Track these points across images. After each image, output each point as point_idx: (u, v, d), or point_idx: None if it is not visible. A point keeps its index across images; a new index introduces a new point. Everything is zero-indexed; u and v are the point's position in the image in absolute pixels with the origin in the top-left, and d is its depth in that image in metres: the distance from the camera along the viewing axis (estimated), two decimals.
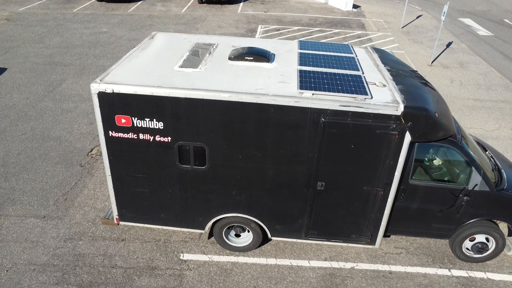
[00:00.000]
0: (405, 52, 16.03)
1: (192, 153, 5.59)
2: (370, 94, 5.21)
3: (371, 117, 5.09)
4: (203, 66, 5.80)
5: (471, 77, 14.05)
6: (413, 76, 6.13)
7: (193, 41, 6.90)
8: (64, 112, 10.69)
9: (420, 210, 6.10)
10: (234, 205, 6.03)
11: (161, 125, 5.41)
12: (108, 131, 5.54)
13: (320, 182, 5.68)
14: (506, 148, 9.88)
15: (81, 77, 12.79)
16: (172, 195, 6.01)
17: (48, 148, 9.18)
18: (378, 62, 6.41)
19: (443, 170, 5.92)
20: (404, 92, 5.42)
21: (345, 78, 5.53)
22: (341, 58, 6.25)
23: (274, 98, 5.04)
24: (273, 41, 7.15)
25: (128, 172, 5.87)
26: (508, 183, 6.21)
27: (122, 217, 6.38)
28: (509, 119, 11.27)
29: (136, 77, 5.41)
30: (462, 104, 12.05)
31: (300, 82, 5.32)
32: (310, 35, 17.54)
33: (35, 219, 7.19)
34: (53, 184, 8.05)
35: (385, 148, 5.33)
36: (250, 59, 5.96)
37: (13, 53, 14.58)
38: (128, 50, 15.19)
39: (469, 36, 18.68)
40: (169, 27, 18.12)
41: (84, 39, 16.29)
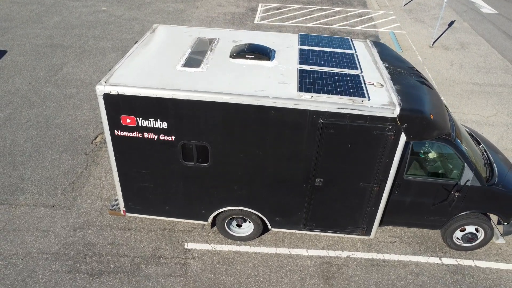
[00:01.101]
0: (406, 33, 15.92)
1: (195, 151, 5.81)
2: (368, 96, 5.36)
3: (368, 119, 5.27)
4: (205, 65, 5.91)
5: (471, 59, 14.05)
6: (411, 74, 6.25)
7: (194, 35, 6.96)
8: (67, 98, 10.82)
9: (413, 203, 6.38)
10: (236, 198, 6.30)
11: (165, 125, 5.59)
12: (114, 130, 5.73)
13: (318, 179, 5.93)
14: (502, 135, 10.08)
15: (81, 60, 12.81)
16: (176, 190, 6.27)
17: (53, 135, 9.38)
18: (377, 58, 6.51)
19: (437, 166, 6.15)
20: (400, 92, 5.57)
21: (344, 78, 5.66)
22: (341, 55, 6.34)
23: (274, 101, 5.20)
24: (274, 34, 7.20)
25: (133, 168, 6.10)
26: (499, 177, 6.46)
27: (129, 209, 6.67)
28: (506, 104, 11.40)
29: (140, 78, 5.54)
30: (461, 88, 12.13)
31: (300, 83, 5.46)
32: (311, 14, 17.34)
33: (45, 208, 7.49)
34: (60, 173, 8.31)
35: (381, 147, 5.53)
36: (251, 57, 6.06)
37: (12, 34, 14.50)
38: (128, 30, 15.10)
39: (472, 14, 18.45)
40: (169, 5, 17.89)
41: (83, 18, 16.14)
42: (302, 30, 15.63)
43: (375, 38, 15.22)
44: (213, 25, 15.84)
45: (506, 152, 9.47)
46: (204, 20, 16.26)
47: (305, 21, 16.47)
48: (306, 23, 16.33)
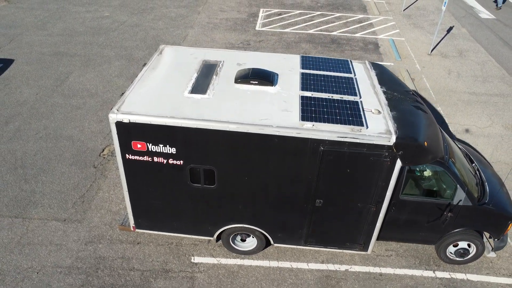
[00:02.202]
0: (405, 40, 16.18)
1: (202, 175, 6.14)
2: (366, 124, 5.67)
3: (365, 147, 5.59)
4: (211, 92, 6.22)
5: (469, 67, 14.33)
6: (407, 99, 6.56)
7: (199, 58, 7.25)
8: (74, 109, 11.12)
9: (409, 221, 6.72)
10: (240, 217, 6.64)
11: (174, 150, 5.91)
12: (125, 154, 6.05)
13: (318, 200, 6.27)
14: (496, 146, 10.41)
15: (87, 69, 13.09)
16: (183, 208, 6.61)
17: (62, 148, 9.70)
18: (375, 82, 6.81)
19: (431, 184, 6.47)
20: (397, 119, 5.89)
21: (343, 106, 5.97)
22: (341, 80, 6.65)
23: (277, 130, 5.52)
24: (276, 56, 7.50)
25: (143, 189, 6.44)
26: (490, 196, 6.80)
27: (138, 225, 7.02)
28: (501, 115, 11.71)
29: (150, 105, 5.85)
30: (458, 98, 12.44)
31: (302, 112, 5.78)
32: (312, 20, 17.58)
33: (57, 222, 7.84)
34: (70, 186, 8.64)
35: (378, 171, 5.86)
36: (254, 82, 6.37)
37: (18, 41, 14.76)
38: (131, 38, 15.35)
39: (471, 19, 18.69)
40: (171, 10, 18.11)
41: (86, 24, 16.38)
42: (303, 37, 15.88)
43: (375, 46, 15.48)
44: (215, 31, 16.09)
45: (500, 164, 9.80)
46: (206, 27, 16.51)
47: (306, 28, 16.72)
48: (307, 29, 16.58)
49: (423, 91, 12.68)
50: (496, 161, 9.91)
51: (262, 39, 15.52)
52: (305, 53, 14.54)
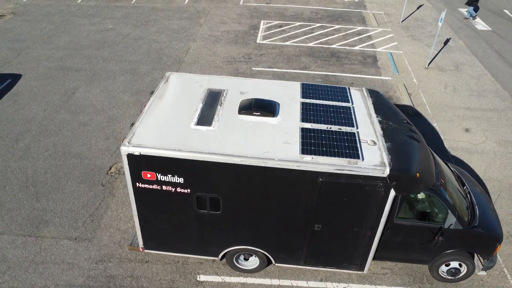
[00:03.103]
0: (403, 53, 16.55)
1: (208, 202, 6.52)
2: (362, 157, 6.05)
3: (361, 178, 5.98)
4: (216, 123, 6.59)
5: (464, 81, 14.70)
6: (402, 128, 6.93)
7: (204, 86, 7.63)
8: (81, 126, 11.49)
9: (403, 243, 7.11)
10: (244, 239, 7.03)
11: (182, 180, 6.30)
12: (136, 183, 6.43)
13: (317, 224, 6.66)
14: (489, 163, 10.79)
15: (92, 85, 13.46)
16: (190, 232, 7.00)
17: (71, 166, 10.08)
18: (371, 111, 7.19)
19: (424, 206, 6.86)
20: (391, 150, 6.27)
21: (341, 138, 6.35)
22: (339, 110, 7.03)
23: (279, 163, 5.90)
24: (278, 84, 7.86)
25: (152, 214, 6.82)
26: (480, 219, 7.18)
27: (147, 246, 7.41)
28: (495, 131, 12.09)
29: (158, 138, 6.22)
30: (453, 114, 12.81)
31: (302, 145, 6.16)
32: (312, 32, 17.93)
33: (68, 240, 8.22)
34: (79, 205, 9.03)
35: (373, 200, 6.25)
36: (257, 114, 6.75)
37: (25, 55, 15.13)
38: (135, 51, 15.71)
39: (467, 31, 19.06)
40: (173, 22, 18.46)
41: (91, 38, 16.74)
42: (303, 50, 16.24)
43: (373, 59, 15.84)
44: (217, 44, 16.45)
45: (492, 181, 10.19)
46: (208, 39, 16.87)
47: (306, 41, 17.08)
48: (307, 42, 16.94)
49: (419, 107, 13.06)
50: (489, 179, 10.29)
51: (263, 53, 15.89)
52: (305, 67, 14.91)
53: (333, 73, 14.67)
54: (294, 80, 14.07)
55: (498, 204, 9.52)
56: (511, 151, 11.26)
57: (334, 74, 14.58)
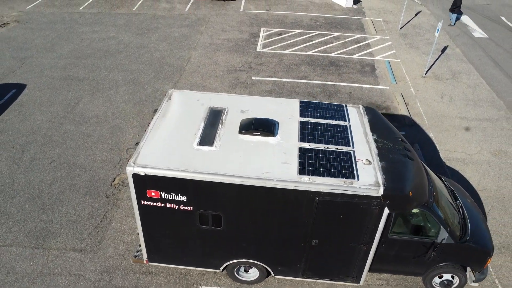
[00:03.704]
0: (401, 61, 16.81)
1: (210, 218, 6.81)
2: (357, 176, 6.33)
3: (356, 197, 6.26)
4: (217, 143, 6.87)
5: (461, 90, 14.97)
6: (396, 146, 7.20)
7: (206, 104, 7.90)
8: (85, 137, 11.77)
9: (397, 256, 7.39)
10: (244, 253, 7.31)
11: (185, 198, 6.58)
12: (141, 201, 6.71)
13: (314, 240, 6.94)
14: (483, 174, 11.06)
15: (95, 95, 13.73)
16: (193, 246, 7.28)
17: (76, 177, 10.36)
18: (367, 129, 7.46)
19: (417, 226, 7.13)
20: (385, 170, 6.54)
21: (338, 158, 6.63)
22: (336, 129, 7.30)
23: (278, 183, 6.18)
24: (277, 101, 8.12)
25: (156, 229, 7.10)
26: (471, 234, 7.46)
27: (151, 259, 7.69)
28: (490, 141, 12.36)
29: (162, 158, 6.50)
30: (449, 123, 13.08)
31: (300, 165, 6.44)
32: (311, 40, 18.19)
33: (74, 252, 8.50)
34: (85, 216, 9.31)
35: (368, 217, 6.53)
36: (257, 134, 7.02)
37: (29, 65, 15.40)
38: (137, 60, 15.97)
39: (465, 38, 19.32)
40: (174, 30, 18.72)
41: (93, 46, 17.01)
42: (302, 59, 16.51)
43: (371, 68, 16.11)
44: (217, 53, 16.71)
45: (486, 192, 10.46)
46: (208, 48, 17.13)
47: (305, 49, 17.35)
48: (306, 51, 17.21)
49: (416, 116, 13.33)
50: (482, 189, 10.56)
51: (263, 61, 16.16)
52: (305, 77, 15.17)
53: (332, 82, 14.94)
54: (294, 89, 14.34)
55: (491, 215, 9.80)
56: (505, 162, 11.54)
57: (333, 84, 14.84)
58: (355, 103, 13.74)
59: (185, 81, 14.60)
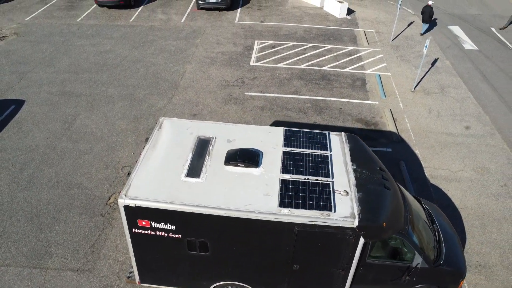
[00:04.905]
0: (391, 75, 17.20)
1: (197, 245, 7.23)
2: (334, 208, 6.75)
3: (333, 228, 6.68)
4: (204, 175, 7.29)
5: (448, 105, 15.37)
6: (374, 176, 7.60)
7: (194, 133, 8.31)
8: (82, 155, 12.19)
9: (375, 279, 7.82)
10: (230, 276, 7.75)
11: (173, 227, 7.00)
12: (132, 229, 7.14)
13: (295, 265, 7.37)
14: (465, 191, 11.48)
15: (92, 111, 14.14)
16: (182, 269, 7.72)
17: (72, 196, 10.78)
18: (347, 159, 7.87)
19: (394, 250, 7.56)
20: (362, 201, 6.96)
21: (317, 189, 7.05)
22: (318, 160, 7.71)
23: (259, 215, 6.61)
24: (262, 130, 8.53)
25: (147, 254, 7.53)
26: (446, 257, 7.89)
27: (143, 280, 8.13)
28: (473, 158, 12.77)
29: (152, 190, 6.92)
30: (435, 140, 13.49)
31: (280, 197, 6.86)
32: (304, 53, 18.58)
33: (71, 272, 8.94)
34: (81, 236, 9.74)
35: (344, 245, 6.95)
36: (241, 165, 7.44)
37: (27, 80, 15.81)
38: (133, 75, 16.37)
39: (455, 50, 19.70)
40: (170, 43, 19.10)
41: (91, 60, 17.40)
42: (294, 73, 16.90)
43: (362, 82, 16.50)
44: (211, 67, 17.10)
45: (467, 210, 10.89)
46: (203, 62, 17.52)
47: (298, 62, 17.74)
48: (299, 64, 17.60)
49: (404, 133, 13.74)
50: (464, 207, 10.99)
51: (256, 76, 16.56)
52: (296, 92, 15.57)
53: (323, 97, 15.34)
54: (285, 105, 14.73)
55: (470, 234, 10.23)
56: (486, 179, 11.95)
57: (324, 99, 15.25)
58: (345, 119, 14.15)
59: (180, 97, 15.01)
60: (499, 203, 11.13)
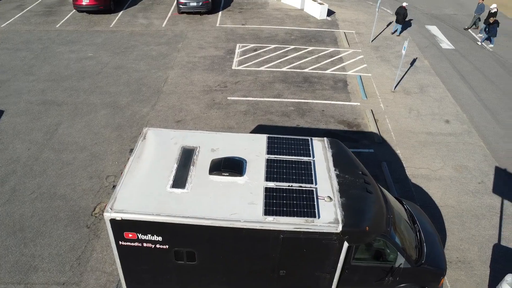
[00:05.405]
0: (372, 75, 17.50)
1: (185, 255, 7.30)
2: (318, 214, 6.90)
3: (317, 234, 6.84)
4: (189, 185, 7.35)
5: (428, 104, 15.74)
6: (357, 180, 7.78)
7: (179, 143, 8.35)
8: (65, 165, 12.07)
9: (360, 280, 8.01)
10: (218, 283, 7.83)
11: (160, 238, 7.05)
12: (119, 241, 7.15)
13: (281, 270, 7.51)
14: (445, 190, 11.81)
15: (74, 120, 13.99)
16: (169, 279, 7.76)
17: (57, 208, 10.68)
18: (330, 164, 8.03)
19: (378, 252, 7.76)
20: (345, 207, 7.13)
21: (301, 196, 7.19)
22: (301, 166, 7.85)
23: (244, 224, 6.71)
24: (246, 138, 8.62)
25: (135, 265, 7.55)
26: (427, 256, 8.14)
27: None
28: (452, 156, 13.13)
29: (138, 202, 6.95)
30: (416, 139, 13.81)
31: (265, 205, 6.98)
32: (286, 55, 18.74)
33: (57, 286, 8.87)
34: (66, 248, 9.67)
35: (329, 250, 7.12)
36: (226, 174, 7.52)
37: (6, 89, 15.53)
38: (115, 82, 16.24)
39: (433, 50, 20.16)
40: (152, 48, 19.01)
41: (71, 67, 17.19)
42: (277, 76, 17.04)
43: (344, 84, 16.74)
44: (194, 72, 17.11)
45: (447, 208, 11.21)
46: (185, 67, 17.51)
47: (280, 65, 17.89)
48: (280, 67, 17.75)
49: (385, 133, 14.02)
50: (444, 205, 11.31)
51: (238, 80, 16.64)
52: (279, 95, 15.72)
53: (305, 100, 15.52)
54: (268, 109, 14.85)
55: (450, 231, 10.54)
56: (465, 176, 12.32)
57: (306, 101, 15.43)
58: (328, 122, 14.36)
59: (163, 104, 14.98)
60: (477, 199, 11.50)
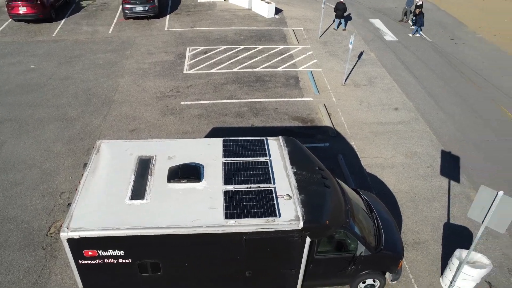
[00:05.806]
0: (323, 70, 17.98)
1: (149, 266, 7.18)
2: (278, 213, 7.04)
3: (280, 232, 6.98)
4: (148, 195, 7.24)
5: (377, 95, 16.41)
6: (314, 176, 8.00)
7: (134, 154, 8.19)
8: (13, 186, 11.45)
9: (325, 272, 8.26)
10: None
11: (122, 252, 6.89)
12: (78, 261, 6.92)
13: (248, 271, 7.59)
14: (398, 177, 12.40)
15: (20, 137, 13.29)
16: None
17: (7, 232, 10.11)
18: (287, 163, 8.20)
19: (339, 243, 8.02)
20: (304, 203, 7.31)
21: (260, 197, 7.29)
22: (258, 167, 7.95)
23: (206, 229, 6.72)
24: (201, 143, 8.61)
25: (97, 283, 7.33)
26: (385, 243, 8.53)
27: None
28: (402, 143, 13.80)
29: (96, 218, 6.75)
30: (368, 130, 14.37)
31: (225, 209, 7.02)
32: (236, 56, 18.81)
33: None
34: (20, 275, 9.18)
35: (292, 246, 7.29)
36: (184, 181, 7.48)
37: None
38: (62, 94, 15.57)
39: (378, 42, 21.02)
40: (99, 56, 18.41)
41: (12, 81, 16.29)
42: (229, 77, 17.07)
43: (295, 80, 17.08)
44: (145, 79, 16.76)
45: (401, 193, 11.78)
46: (135, 74, 17.11)
47: (231, 66, 17.93)
48: (232, 68, 17.79)
49: (339, 126, 14.47)
50: (398, 191, 11.87)
51: (191, 84, 16.50)
52: (232, 96, 15.76)
53: (258, 99, 15.67)
54: (222, 111, 14.85)
55: (405, 215, 11.10)
56: (415, 162, 13.00)
57: (260, 101, 15.59)
58: (282, 119, 14.60)
59: (115, 113, 14.56)
60: (427, 183, 12.18)
